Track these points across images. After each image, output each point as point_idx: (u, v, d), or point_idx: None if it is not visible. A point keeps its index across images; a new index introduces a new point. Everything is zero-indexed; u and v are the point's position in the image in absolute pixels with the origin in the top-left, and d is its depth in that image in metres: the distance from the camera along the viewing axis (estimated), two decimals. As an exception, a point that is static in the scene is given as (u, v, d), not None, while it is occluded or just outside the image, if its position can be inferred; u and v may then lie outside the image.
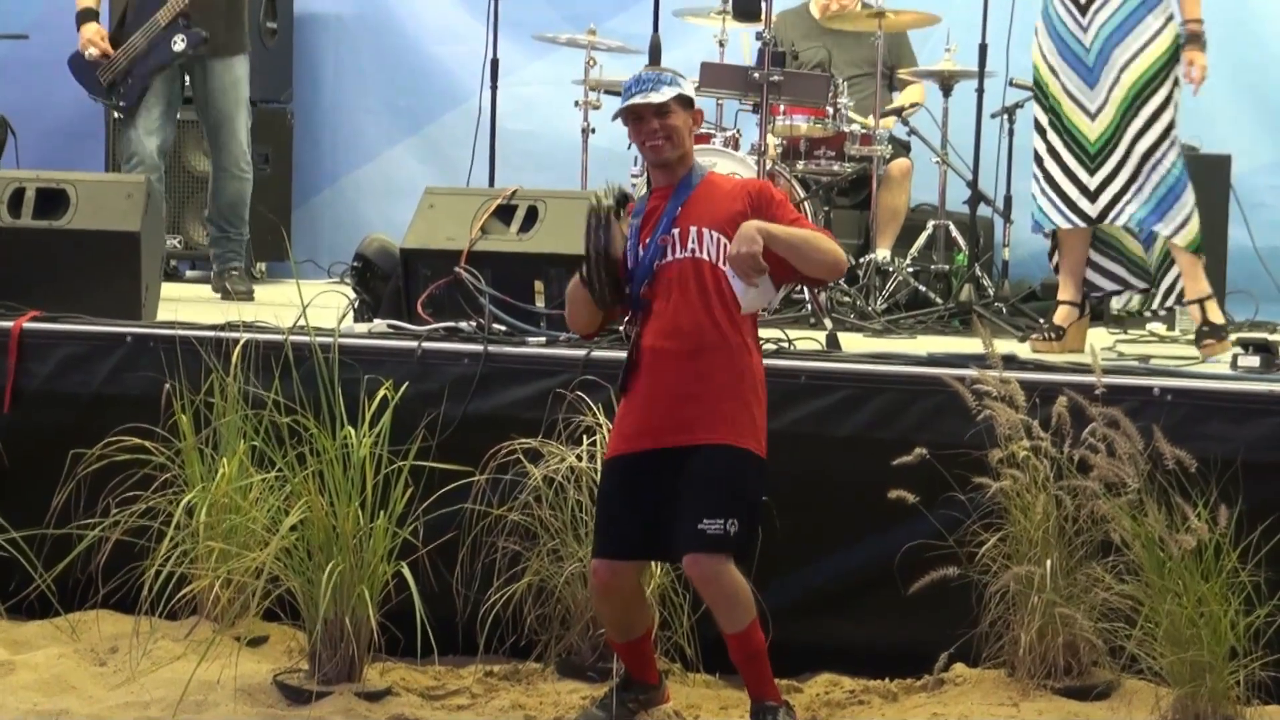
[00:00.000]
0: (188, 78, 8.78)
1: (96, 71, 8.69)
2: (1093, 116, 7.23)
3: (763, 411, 5.45)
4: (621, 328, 5.66)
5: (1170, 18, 7.17)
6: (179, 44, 8.58)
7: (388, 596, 5.91)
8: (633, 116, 5.44)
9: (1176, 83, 7.21)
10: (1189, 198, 7.15)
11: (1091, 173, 7.24)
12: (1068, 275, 7.43)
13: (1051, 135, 7.32)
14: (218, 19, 8.66)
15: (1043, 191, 7.35)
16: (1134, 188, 7.17)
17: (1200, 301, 7.20)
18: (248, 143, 8.86)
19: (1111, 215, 7.22)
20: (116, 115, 8.97)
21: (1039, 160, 7.38)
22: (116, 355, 6.83)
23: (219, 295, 8.78)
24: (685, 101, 5.45)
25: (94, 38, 8.68)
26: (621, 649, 5.68)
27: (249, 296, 8.67)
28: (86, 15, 8.74)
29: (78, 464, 6.29)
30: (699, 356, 5.35)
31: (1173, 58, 7.18)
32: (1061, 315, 7.39)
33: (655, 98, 5.40)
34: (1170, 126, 7.21)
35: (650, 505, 5.39)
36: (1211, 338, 7.12)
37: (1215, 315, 7.19)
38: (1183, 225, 7.15)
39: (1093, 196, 7.24)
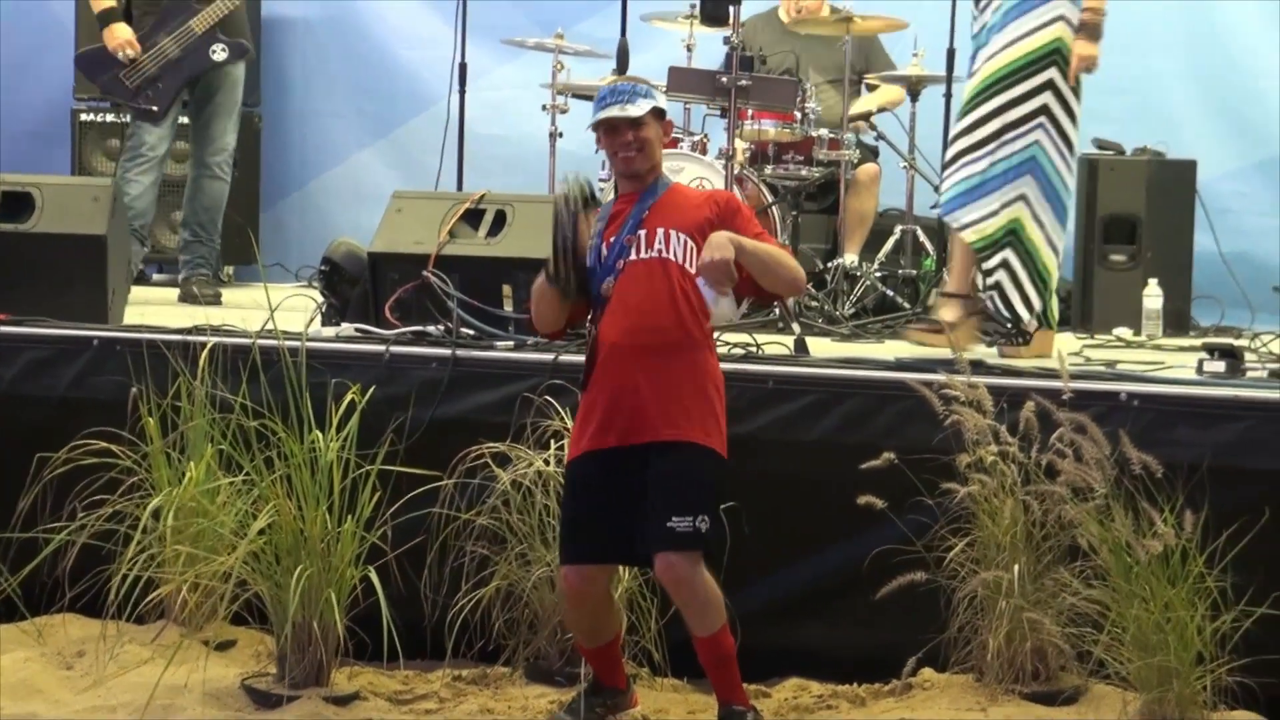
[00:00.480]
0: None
1: (121, 73, 8.68)
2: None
3: (723, 413, 5.45)
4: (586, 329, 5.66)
5: (1057, 18, 7.18)
6: (219, 54, 8.64)
7: (355, 600, 5.90)
8: (607, 128, 5.47)
9: (1063, 75, 7.18)
10: (999, 199, 7.12)
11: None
12: (953, 264, 7.46)
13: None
14: (244, 24, 8.85)
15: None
16: (969, 157, 7.16)
17: (956, 296, 7.25)
18: (233, 146, 8.95)
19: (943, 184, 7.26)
20: (128, 116, 8.96)
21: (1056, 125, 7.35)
22: (83, 359, 6.81)
23: (183, 301, 8.73)
24: (658, 113, 5.49)
25: (129, 41, 8.71)
26: (590, 654, 5.68)
27: (216, 300, 8.65)
28: (112, 15, 8.76)
29: (44, 467, 6.27)
30: (663, 354, 5.36)
31: (1055, 50, 7.19)
32: (945, 311, 7.39)
33: (632, 110, 5.43)
34: (1036, 113, 7.18)
35: (615, 507, 5.38)
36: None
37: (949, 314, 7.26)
38: (977, 223, 7.16)
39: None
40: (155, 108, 8.75)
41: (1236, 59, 9.57)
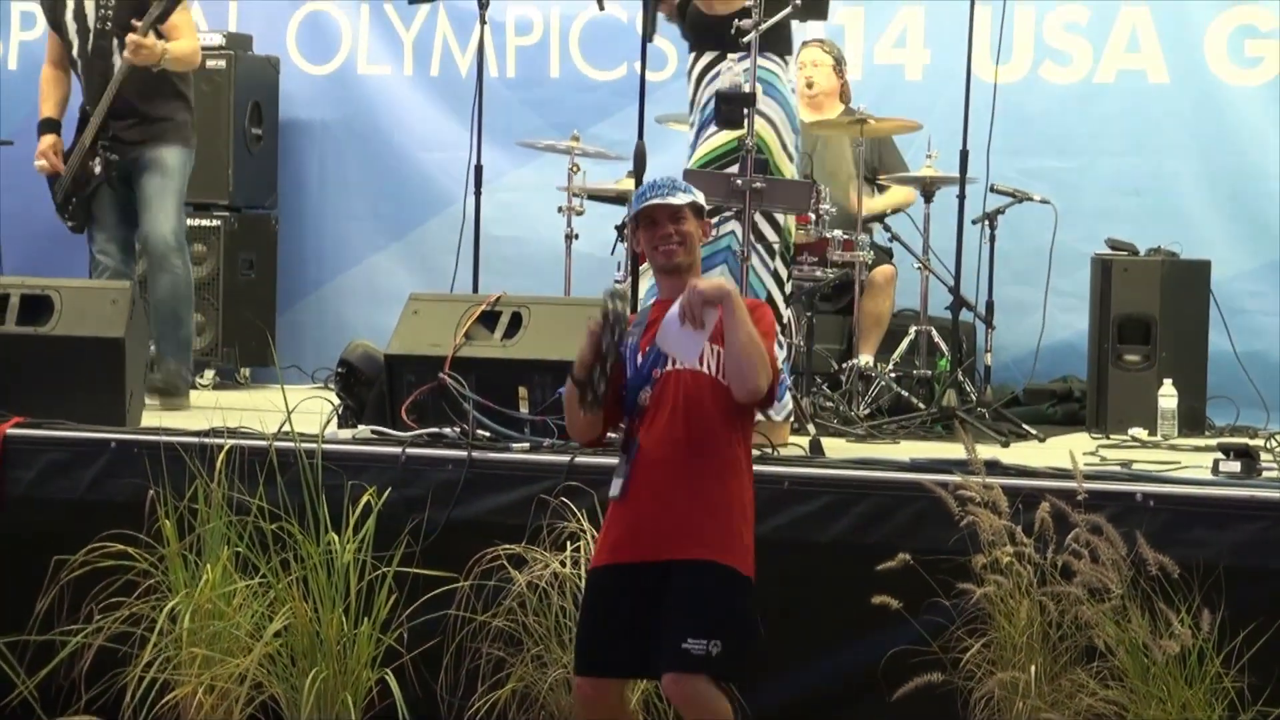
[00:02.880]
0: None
1: (52, 185, 8.71)
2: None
3: (751, 533, 5.35)
4: (614, 435, 5.61)
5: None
6: (97, 167, 8.58)
7: (372, 703, 5.90)
8: (647, 221, 5.39)
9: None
10: None
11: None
12: None
13: None
14: (133, 114, 8.58)
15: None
16: None
17: None
18: (176, 233, 8.61)
19: None
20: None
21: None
22: (100, 461, 6.82)
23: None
24: (698, 210, 5.42)
25: (46, 151, 8.66)
26: (607, 760, 5.61)
27: (169, 391, 8.39)
28: (45, 126, 8.72)
29: (61, 570, 6.28)
30: (691, 469, 5.25)
31: (735, 152, 7.36)
32: None
33: (673, 200, 5.36)
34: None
35: (633, 620, 5.28)
36: None
37: None
38: None
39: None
40: (72, 223, 8.74)
41: (1249, 159, 9.60)
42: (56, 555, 6.31)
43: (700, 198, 5.47)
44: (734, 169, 7.44)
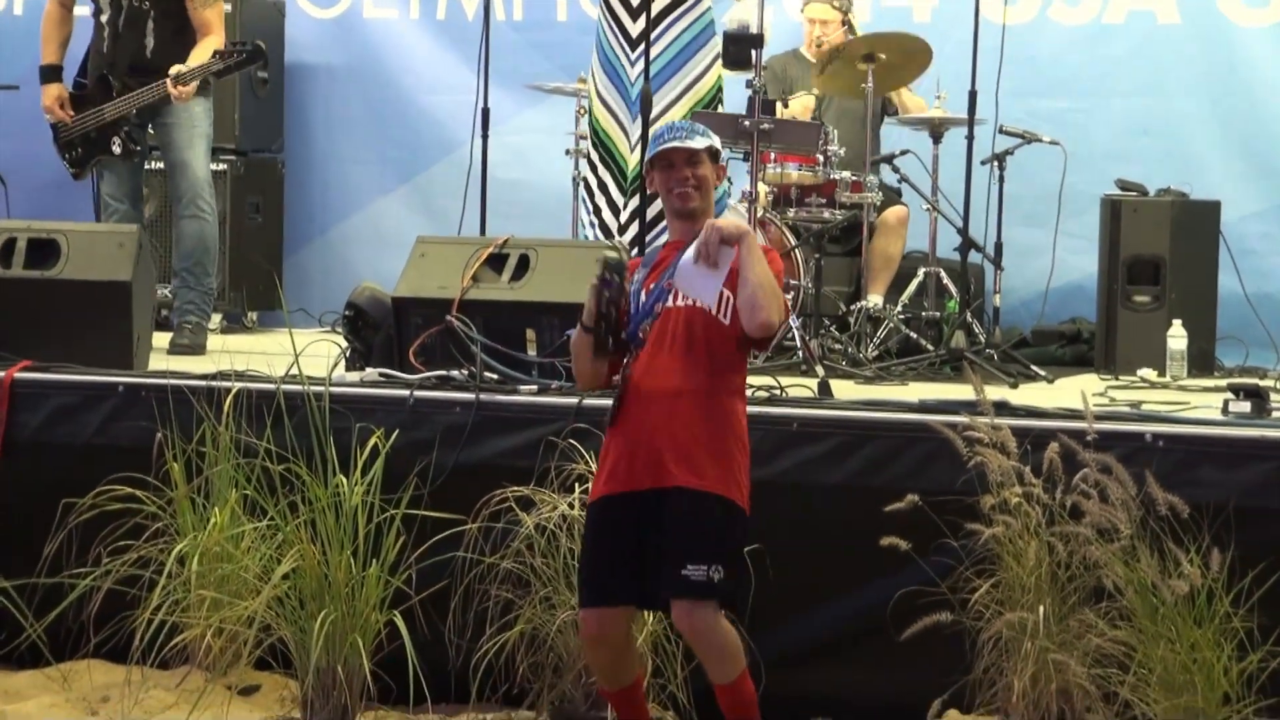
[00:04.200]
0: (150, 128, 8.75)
1: (57, 129, 8.68)
2: (633, 148, 7.39)
3: (746, 463, 5.40)
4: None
5: (718, 55, 7.32)
6: (116, 147, 8.55)
7: (380, 645, 5.91)
8: (664, 163, 5.43)
9: None
10: None
11: (625, 203, 7.41)
12: None
13: (601, 170, 7.49)
14: (158, 75, 8.46)
15: (591, 224, 7.61)
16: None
17: None
18: (206, 181, 8.65)
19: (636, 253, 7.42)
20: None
21: (590, 192, 7.75)
22: (108, 405, 6.82)
23: (170, 353, 8.26)
24: (714, 154, 5.47)
25: (53, 104, 8.63)
26: (612, 696, 5.64)
27: (194, 350, 8.40)
28: (48, 74, 8.68)
29: (69, 513, 6.29)
30: (689, 401, 5.31)
31: (718, 95, 7.36)
32: None
33: (690, 144, 5.40)
34: None
35: (633, 550, 5.33)
36: None
37: None
38: None
39: (623, 229, 7.41)
40: (73, 170, 8.73)
41: (1259, 101, 9.57)
42: (65, 499, 6.31)
43: (717, 142, 5.50)
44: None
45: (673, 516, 5.27)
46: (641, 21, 7.96)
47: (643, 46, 7.90)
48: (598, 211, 7.68)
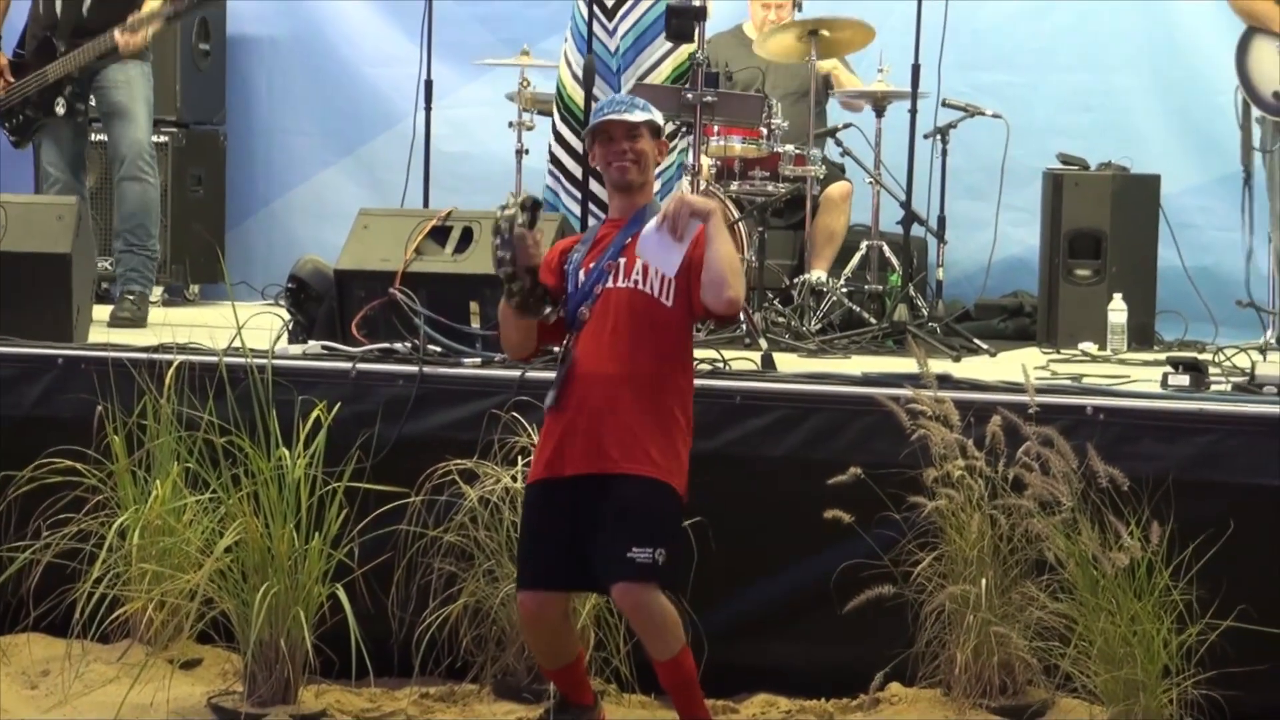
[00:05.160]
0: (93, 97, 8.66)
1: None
2: None
3: (687, 449, 5.39)
4: (557, 349, 5.63)
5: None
6: (60, 107, 8.47)
7: (323, 618, 5.90)
8: (603, 136, 5.41)
9: None
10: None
11: None
12: None
13: (575, 142, 7.60)
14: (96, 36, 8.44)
15: (569, 195, 7.83)
16: None
17: None
18: (148, 144, 8.59)
19: None
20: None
21: (562, 167, 7.92)
22: (48, 377, 6.79)
23: (111, 325, 8.15)
24: (654, 129, 5.44)
25: None
26: (553, 674, 5.64)
27: (136, 323, 8.32)
28: None
29: (8, 486, 6.26)
30: (628, 385, 5.30)
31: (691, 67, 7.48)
32: None
33: (629, 117, 5.38)
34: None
35: (572, 534, 5.34)
36: None
37: None
38: None
39: None
40: (14, 138, 8.66)
41: (1198, 74, 9.60)
42: (3, 471, 6.28)
43: (658, 117, 5.49)
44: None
45: (615, 502, 5.27)
46: None
47: (617, 16, 7.92)
48: (577, 182, 7.66)
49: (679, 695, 5.46)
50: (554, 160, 8.26)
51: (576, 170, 7.85)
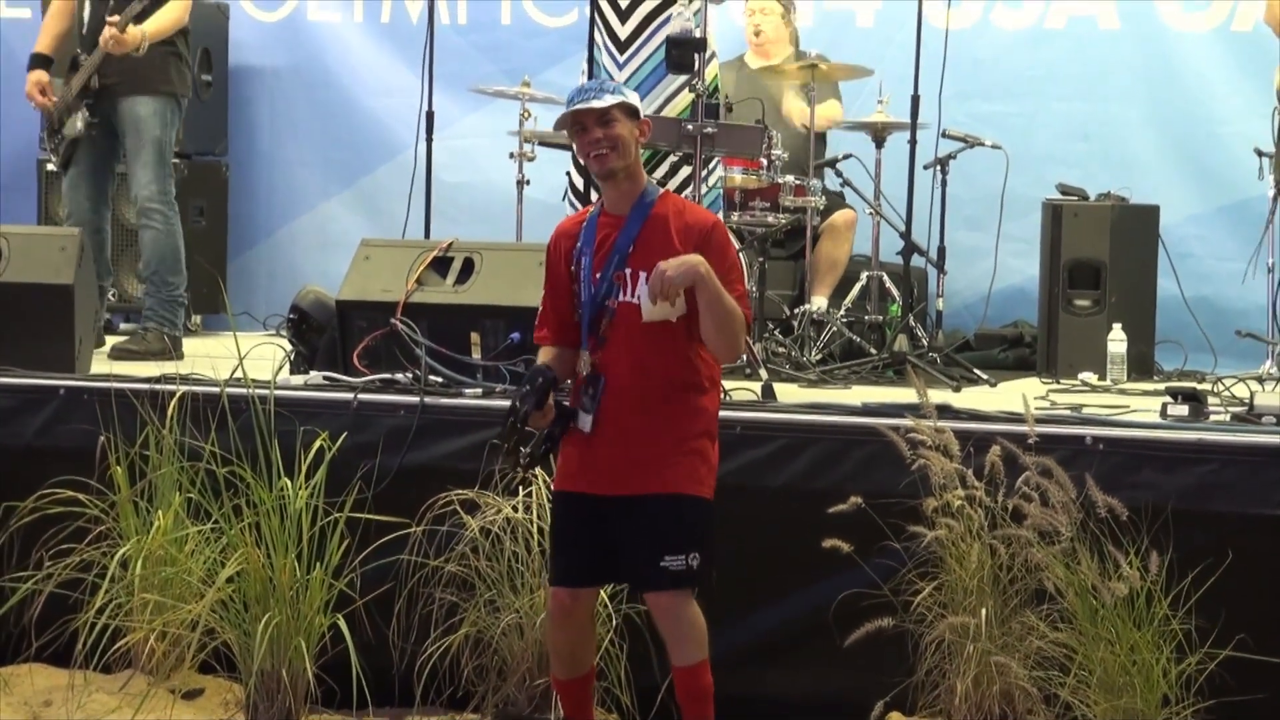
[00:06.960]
0: None
1: (44, 121, 8.63)
2: None
3: (715, 452, 5.35)
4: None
5: (712, 54, 7.47)
6: (79, 122, 8.45)
7: (324, 648, 5.91)
8: (576, 127, 5.25)
9: None
10: None
11: None
12: None
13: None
14: (115, 63, 8.34)
15: None
16: None
17: None
18: (156, 189, 8.39)
19: None
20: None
21: (579, 195, 7.96)
22: (50, 408, 6.80)
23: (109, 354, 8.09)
24: (629, 110, 5.25)
25: (33, 89, 8.46)
26: (565, 687, 5.49)
27: (137, 356, 8.10)
28: (34, 61, 8.57)
29: (10, 516, 6.27)
30: (656, 400, 5.23)
31: (715, 91, 7.50)
32: None
33: (597, 103, 5.20)
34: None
35: (605, 537, 5.28)
36: None
37: None
38: None
39: None
40: (56, 158, 8.60)
41: (1197, 104, 9.64)
42: (6, 502, 6.29)
43: (632, 98, 5.30)
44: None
45: (647, 514, 5.23)
46: (631, 24, 7.96)
47: (630, 50, 7.94)
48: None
49: (691, 707, 5.37)
50: (573, 188, 8.23)
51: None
